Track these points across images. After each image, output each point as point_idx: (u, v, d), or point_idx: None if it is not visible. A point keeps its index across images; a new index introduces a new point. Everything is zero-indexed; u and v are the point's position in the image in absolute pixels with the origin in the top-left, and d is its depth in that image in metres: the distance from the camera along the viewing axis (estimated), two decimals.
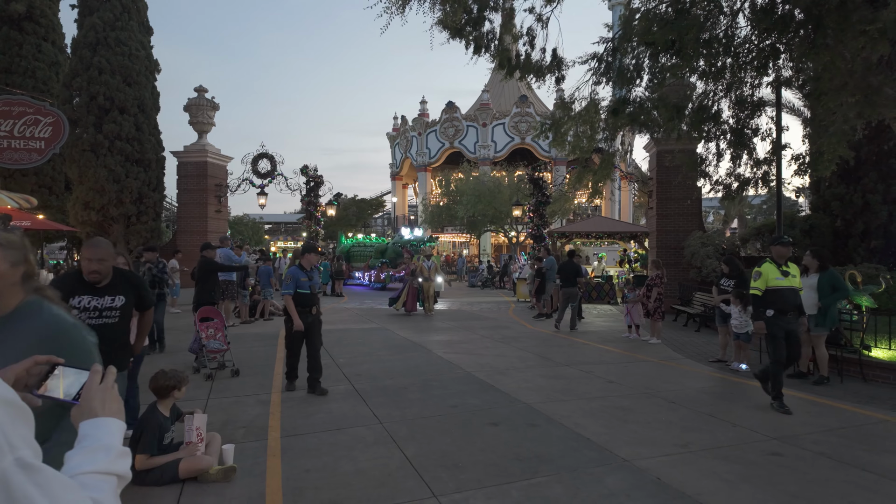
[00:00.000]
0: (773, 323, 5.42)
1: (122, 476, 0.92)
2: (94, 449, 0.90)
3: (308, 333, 5.89)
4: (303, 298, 5.86)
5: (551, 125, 9.54)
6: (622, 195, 37.92)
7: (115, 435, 0.95)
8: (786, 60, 8.17)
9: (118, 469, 0.90)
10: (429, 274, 13.31)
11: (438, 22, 7.83)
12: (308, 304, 5.89)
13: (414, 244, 21.00)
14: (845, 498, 3.42)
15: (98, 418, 0.95)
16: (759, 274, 5.56)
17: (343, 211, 33.99)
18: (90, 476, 0.86)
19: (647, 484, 3.61)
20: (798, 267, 5.79)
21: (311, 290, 5.92)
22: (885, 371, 6.56)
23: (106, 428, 0.94)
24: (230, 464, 3.83)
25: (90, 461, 0.87)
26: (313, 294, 5.96)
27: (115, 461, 0.90)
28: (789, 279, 5.48)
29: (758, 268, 5.62)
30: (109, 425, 0.95)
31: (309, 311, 5.90)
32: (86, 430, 0.93)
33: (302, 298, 5.86)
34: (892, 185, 11.89)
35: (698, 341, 9.63)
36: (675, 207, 13.98)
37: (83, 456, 0.88)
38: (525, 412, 5.23)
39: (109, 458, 0.89)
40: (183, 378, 4.02)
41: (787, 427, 4.83)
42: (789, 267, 5.56)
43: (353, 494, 3.48)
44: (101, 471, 0.87)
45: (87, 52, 14.94)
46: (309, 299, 5.90)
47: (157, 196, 16.24)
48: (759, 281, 5.53)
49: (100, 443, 0.91)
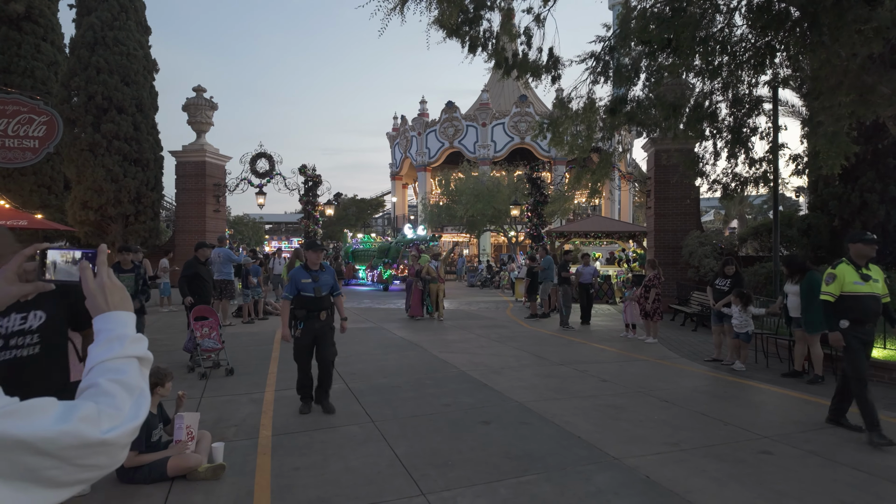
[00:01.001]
0: (851, 335, 4.53)
1: (142, 357, 1.00)
2: (110, 340, 0.98)
3: (317, 342, 5.17)
4: (307, 302, 5.11)
5: (550, 125, 9.53)
6: (622, 195, 37.93)
7: (126, 324, 1.02)
8: (782, 59, 8.17)
9: (135, 352, 0.99)
10: (437, 274, 12.56)
11: (435, 21, 7.83)
12: (315, 308, 5.12)
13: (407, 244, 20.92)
14: (834, 496, 3.42)
15: (105, 313, 1.02)
16: (832, 277, 4.65)
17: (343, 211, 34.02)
18: (112, 362, 0.94)
19: (636, 482, 3.61)
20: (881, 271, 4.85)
21: (317, 293, 5.12)
22: (880, 370, 6.55)
23: (115, 320, 1.01)
24: (219, 462, 3.83)
25: (108, 350, 0.96)
26: (320, 297, 5.15)
27: (131, 346, 0.99)
28: (870, 284, 4.59)
29: (832, 269, 4.72)
30: (118, 317, 1.02)
31: (316, 317, 5.13)
32: (99, 326, 1.01)
33: (306, 302, 5.12)
34: (889, 185, 11.88)
35: (694, 340, 9.62)
36: (673, 207, 13.97)
37: (101, 347, 0.97)
38: (517, 411, 5.22)
39: (124, 345, 0.98)
40: (165, 374, 4.01)
41: (779, 426, 4.82)
42: (871, 270, 4.67)
43: (341, 492, 3.47)
44: (120, 356, 0.96)
45: (85, 51, 14.96)
46: (315, 303, 5.12)
47: (156, 196, 16.26)
48: (833, 285, 4.63)
49: (113, 333, 0.99)
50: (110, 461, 0.83)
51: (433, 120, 37.76)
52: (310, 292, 5.09)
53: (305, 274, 5.17)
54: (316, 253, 5.31)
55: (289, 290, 5.16)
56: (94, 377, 0.92)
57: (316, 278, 5.15)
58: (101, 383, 0.90)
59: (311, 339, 5.15)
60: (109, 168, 14.74)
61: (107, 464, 0.82)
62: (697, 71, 8.11)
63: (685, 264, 13.36)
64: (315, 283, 5.12)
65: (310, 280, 5.13)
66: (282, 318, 5.21)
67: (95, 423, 0.81)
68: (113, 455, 0.83)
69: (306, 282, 5.12)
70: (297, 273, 5.19)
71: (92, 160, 14.70)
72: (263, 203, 17.67)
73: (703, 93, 8.77)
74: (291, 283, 5.15)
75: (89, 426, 0.79)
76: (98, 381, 0.90)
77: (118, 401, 0.88)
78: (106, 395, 0.88)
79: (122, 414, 0.86)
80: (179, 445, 3.76)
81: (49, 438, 0.75)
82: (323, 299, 5.16)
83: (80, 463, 0.78)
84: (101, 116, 14.85)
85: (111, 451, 0.82)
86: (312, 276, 5.15)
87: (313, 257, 5.26)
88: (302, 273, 5.18)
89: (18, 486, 0.73)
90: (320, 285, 5.15)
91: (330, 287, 5.26)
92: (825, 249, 12.71)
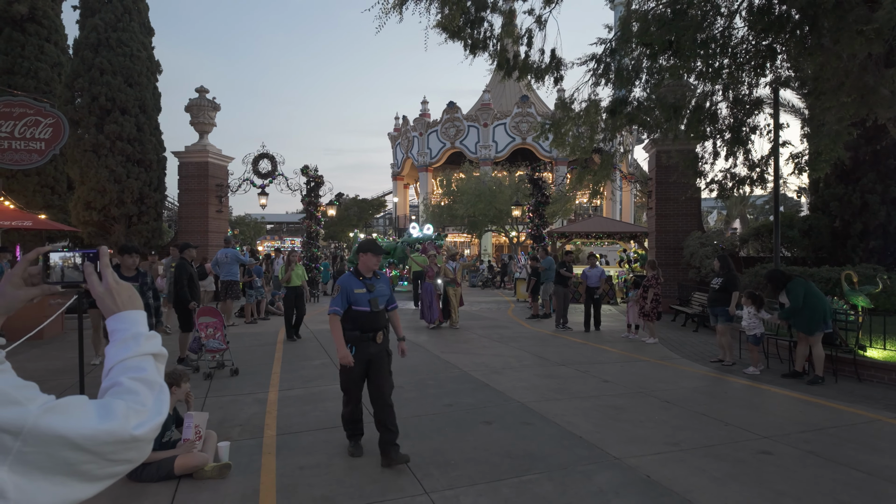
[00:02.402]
0: None
1: (157, 354, 1.03)
2: (125, 339, 1.01)
3: (371, 371, 4.09)
4: (361, 320, 4.06)
5: (551, 126, 9.58)
6: (623, 195, 37.94)
7: (138, 322, 1.05)
8: (783, 60, 8.20)
9: (150, 349, 1.02)
10: (454, 276, 11.50)
11: (437, 24, 7.87)
12: (369, 326, 4.06)
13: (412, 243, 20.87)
14: (832, 496, 3.46)
15: (117, 314, 1.05)
16: None
17: (344, 211, 34.06)
18: (130, 360, 0.98)
19: (637, 482, 3.65)
20: None
21: (373, 307, 4.08)
22: (880, 371, 6.58)
23: (128, 320, 1.04)
24: (225, 461, 3.88)
25: (124, 350, 0.99)
26: (377, 312, 4.10)
27: (146, 343, 1.02)
28: None
29: None
30: (129, 317, 1.05)
31: (371, 339, 4.06)
32: (112, 326, 1.04)
33: (360, 320, 4.06)
34: (890, 186, 11.90)
35: (696, 341, 9.65)
36: (673, 207, 14.00)
37: (117, 347, 1.00)
38: (519, 411, 5.27)
39: (140, 343, 1.01)
40: (181, 375, 4.08)
41: (779, 426, 4.86)
42: None
43: (345, 491, 3.52)
44: (138, 354, 0.99)
45: (89, 52, 15.02)
46: (370, 320, 4.07)
47: (159, 196, 16.31)
48: None
49: (128, 333, 1.02)
50: (139, 455, 0.88)
51: (434, 120, 37.81)
52: (364, 306, 4.07)
53: (358, 282, 4.12)
54: (375, 256, 4.21)
55: (338, 304, 4.08)
56: (116, 376, 0.96)
57: (371, 288, 4.11)
58: (123, 381, 0.94)
59: (364, 367, 4.07)
60: (113, 169, 14.80)
61: (136, 458, 0.88)
62: (698, 73, 8.14)
63: (686, 265, 13.39)
64: (370, 293, 4.09)
65: (364, 290, 4.09)
66: (335, 337, 4.08)
67: (126, 420, 0.86)
68: (142, 450, 0.88)
69: (360, 293, 4.07)
70: (348, 282, 4.14)
71: (95, 161, 14.76)
72: (266, 203, 17.71)
73: (703, 94, 8.81)
74: (341, 296, 4.10)
75: (122, 423, 0.85)
76: (120, 380, 0.94)
77: (142, 397, 0.92)
78: (130, 392, 0.92)
79: (147, 410, 0.91)
80: (187, 444, 3.81)
81: (89, 436, 0.80)
82: (379, 316, 4.13)
83: (113, 458, 0.83)
84: (105, 117, 14.90)
85: (140, 446, 0.87)
86: (367, 286, 4.11)
87: (370, 261, 4.18)
88: (353, 281, 4.13)
89: (57, 479, 0.78)
90: (377, 296, 4.12)
91: (387, 299, 4.27)
92: (826, 250, 12.74)
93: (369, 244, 4.28)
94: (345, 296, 4.09)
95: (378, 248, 4.29)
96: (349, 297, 4.08)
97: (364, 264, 4.20)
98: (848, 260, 11.89)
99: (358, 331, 4.04)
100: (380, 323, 4.12)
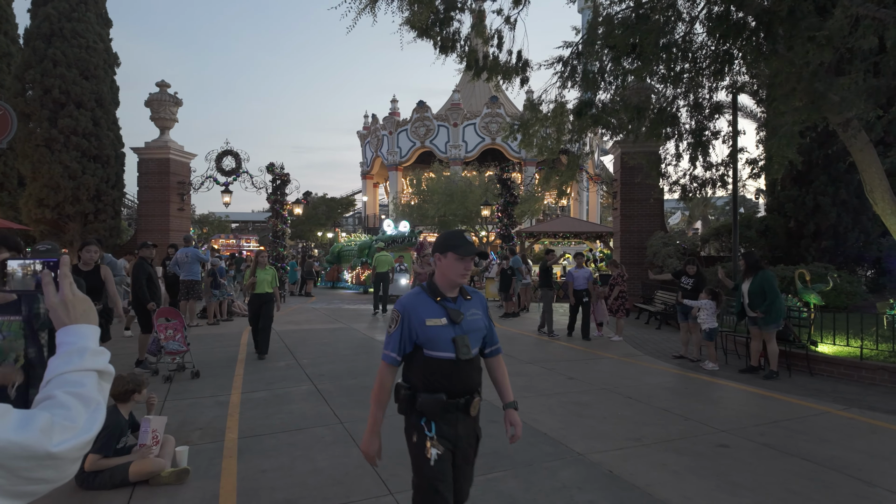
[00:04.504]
0: None
1: (102, 371, 0.99)
2: (70, 352, 0.97)
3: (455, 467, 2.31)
4: (443, 373, 2.25)
5: (520, 126, 9.67)
6: (590, 196, 38.61)
7: (88, 336, 1.02)
8: (741, 66, 8.48)
9: (94, 365, 0.98)
10: None
11: (406, 21, 7.84)
12: (459, 387, 2.26)
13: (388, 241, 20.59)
14: (784, 485, 3.59)
15: (67, 326, 1.01)
16: None
17: (312, 210, 33.60)
18: (70, 374, 0.94)
19: (600, 477, 3.71)
20: None
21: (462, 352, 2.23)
22: (830, 365, 6.87)
23: (77, 333, 1.01)
24: (184, 466, 3.77)
25: (66, 363, 0.95)
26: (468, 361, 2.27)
27: (91, 359, 0.98)
28: None
29: None
30: (79, 330, 1.01)
31: (461, 408, 2.28)
32: (61, 339, 1.00)
33: (439, 373, 2.25)
34: (840, 188, 12.45)
35: (658, 338, 9.89)
36: (638, 208, 14.33)
37: (60, 359, 0.96)
38: (485, 409, 5.22)
39: (84, 358, 0.97)
40: (141, 381, 3.93)
41: (736, 420, 5.02)
42: None
43: (308, 494, 3.46)
44: (79, 368, 0.95)
45: (41, 43, 14.37)
46: (459, 375, 2.26)
47: (117, 193, 15.74)
48: None
49: (74, 346, 0.98)
50: (58, 475, 0.82)
51: (404, 119, 37.66)
52: (446, 350, 2.23)
53: (433, 306, 2.28)
54: (462, 260, 2.27)
55: (395, 344, 2.26)
56: (52, 389, 0.91)
57: (456, 317, 2.26)
58: (57, 395, 0.89)
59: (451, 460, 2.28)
60: (67, 164, 14.20)
61: (54, 478, 0.81)
62: (661, 76, 8.35)
63: (650, 264, 13.71)
64: (456, 326, 2.26)
65: (444, 322, 2.25)
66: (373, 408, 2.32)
67: (47, 435, 0.80)
68: (61, 469, 0.82)
69: (437, 325, 2.25)
70: (413, 305, 2.28)
71: (48, 156, 14.14)
72: (229, 202, 17.32)
73: (665, 97, 9.04)
74: (402, 329, 2.26)
75: (40, 438, 0.79)
76: (55, 393, 0.90)
77: (73, 413, 0.87)
78: (62, 406, 0.87)
79: (75, 427, 0.85)
80: (143, 450, 3.68)
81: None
82: (472, 367, 2.30)
83: (25, 475, 0.77)
84: (59, 111, 14.28)
85: (60, 465, 0.81)
86: (449, 313, 2.26)
87: (456, 269, 2.28)
88: (425, 304, 2.29)
89: None
90: (467, 332, 2.28)
91: (483, 336, 2.41)
92: (781, 250, 13.25)
93: (455, 238, 2.30)
94: (407, 329, 2.23)
95: (470, 246, 2.29)
96: (417, 331, 2.22)
97: (446, 275, 2.27)
98: (801, 259, 12.39)
99: (443, 393, 2.19)
100: (473, 379, 2.29)
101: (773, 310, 6.72)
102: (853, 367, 6.64)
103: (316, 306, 15.46)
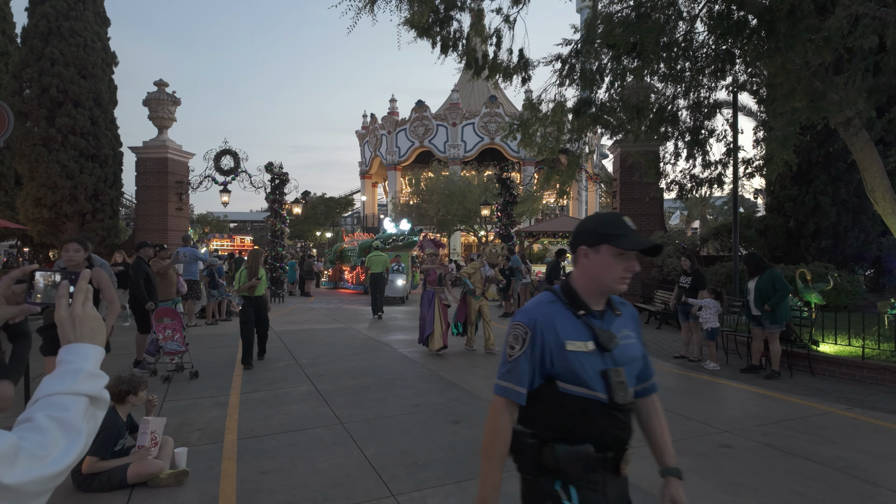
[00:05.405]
0: None
1: (93, 396, 0.92)
2: (64, 372, 0.92)
3: None
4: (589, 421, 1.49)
5: (519, 126, 9.64)
6: (589, 195, 38.61)
7: (89, 358, 0.97)
8: (741, 65, 8.47)
9: (86, 389, 0.92)
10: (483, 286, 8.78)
11: (405, 21, 7.81)
12: (609, 438, 1.50)
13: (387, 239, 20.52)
14: (788, 486, 3.56)
15: (71, 344, 0.97)
16: None
17: (311, 209, 33.57)
18: (57, 397, 0.88)
19: None
20: None
21: (617, 393, 1.47)
22: (832, 365, 6.85)
23: (78, 353, 0.96)
24: (183, 467, 3.73)
25: (58, 384, 0.90)
26: (624, 403, 1.50)
27: (85, 382, 0.92)
28: None
29: None
30: (82, 350, 0.97)
31: (610, 466, 1.50)
32: (61, 357, 0.96)
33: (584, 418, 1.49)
34: (840, 188, 12.45)
35: (658, 338, 9.87)
36: (637, 208, 14.30)
37: (53, 379, 0.91)
38: (487, 410, 5.25)
39: (77, 380, 0.91)
40: (139, 383, 3.89)
41: (738, 420, 4.99)
42: None
43: (308, 496, 3.43)
44: (68, 391, 0.89)
45: (39, 42, 14.30)
46: (611, 422, 1.50)
47: (115, 193, 15.67)
48: None
49: (71, 366, 0.93)
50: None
51: (403, 119, 37.63)
52: (596, 388, 1.49)
53: (576, 322, 1.54)
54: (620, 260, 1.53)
55: (521, 376, 1.53)
56: (34, 410, 0.85)
57: (608, 341, 1.52)
58: (37, 418, 0.83)
59: None
60: (65, 164, 14.13)
61: None
62: (661, 75, 8.33)
63: (649, 263, 13.69)
64: (607, 354, 1.52)
65: (592, 347, 1.51)
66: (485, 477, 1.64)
67: (7, 462, 0.72)
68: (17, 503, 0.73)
69: (582, 352, 1.50)
70: (551, 318, 1.53)
71: (46, 155, 14.06)
72: (228, 201, 17.26)
73: (665, 96, 9.02)
74: (535, 354, 1.52)
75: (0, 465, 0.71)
76: (36, 416, 0.83)
77: (48, 440, 0.80)
78: (38, 431, 0.80)
79: (45, 457, 0.78)
80: (141, 451, 3.64)
81: None
82: (627, 414, 1.55)
83: None
84: (56, 110, 14.22)
85: (17, 498, 0.72)
86: (599, 336, 1.52)
87: (612, 271, 1.53)
88: (564, 318, 1.54)
89: None
90: (619, 364, 1.54)
91: (638, 366, 1.67)
92: (781, 249, 13.24)
93: (613, 224, 1.57)
94: (539, 353, 1.53)
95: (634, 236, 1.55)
96: (553, 357, 1.52)
97: (596, 277, 1.56)
98: (801, 258, 12.39)
99: (591, 444, 1.50)
100: (629, 428, 1.58)
101: (780, 308, 6.71)
102: (855, 367, 6.62)
103: (315, 306, 15.43)
